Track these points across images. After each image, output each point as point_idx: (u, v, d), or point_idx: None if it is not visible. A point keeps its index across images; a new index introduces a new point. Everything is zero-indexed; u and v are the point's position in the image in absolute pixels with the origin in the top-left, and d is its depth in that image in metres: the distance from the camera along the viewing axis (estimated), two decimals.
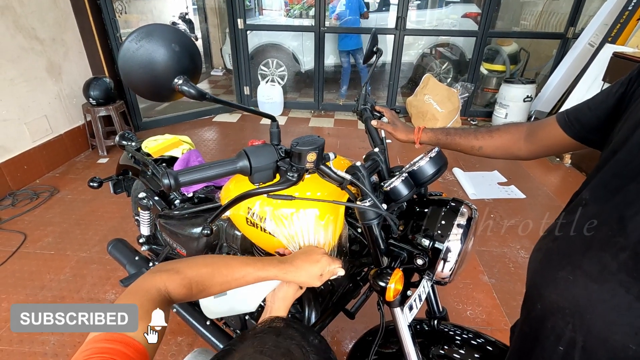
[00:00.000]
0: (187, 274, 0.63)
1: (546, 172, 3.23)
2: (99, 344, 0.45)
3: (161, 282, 0.59)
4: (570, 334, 0.56)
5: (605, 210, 0.54)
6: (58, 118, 3.07)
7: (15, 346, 1.55)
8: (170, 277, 0.60)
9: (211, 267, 0.68)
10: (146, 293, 0.55)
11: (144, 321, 0.50)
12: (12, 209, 2.49)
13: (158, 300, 0.55)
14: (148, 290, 0.56)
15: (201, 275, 0.65)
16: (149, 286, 0.57)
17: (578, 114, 0.68)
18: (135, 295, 0.54)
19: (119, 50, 0.46)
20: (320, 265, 0.75)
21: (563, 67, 3.80)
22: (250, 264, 0.71)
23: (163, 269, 0.62)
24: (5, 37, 2.56)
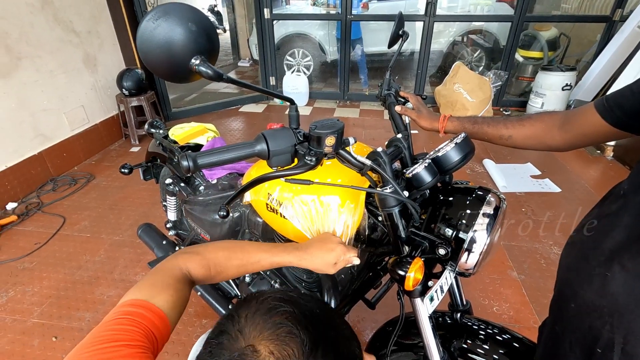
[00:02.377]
0: (206, 256, 0.68)
1: (585, 165, 3.04)
2: (125, 307, 0.51)
3: (182, 262, 0.65)
4: (609, 335, 0.52)
5: None
6: (94, 108, 3.22)
7: (55, 321, 1.66)
8: (191, 257, 0.66)
9: (228, 250, 0.72)
10: (168, 270, 0.62)
11: (166, 292, 0.56)
12: (52, 194, 2.65)
13: (179, 277, 0.61)
14: (170, 269, 0.62)
15: (218, 257, 0.70)
16: (172, 265, 0.64)
17: (620, 99, 0.62)
18: (159, 272, 0.61)
19: (137, 30, 0.47)
20: (335, 254, 0.75)
21: (608, 53, 3.54)
22: (266, 249, 0.74)
23: (184, 252, 0.68)
24: (45, 30, 2.70)
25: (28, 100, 2.61)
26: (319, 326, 0.47)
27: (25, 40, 2.55)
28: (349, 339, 0.50)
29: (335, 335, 0.49)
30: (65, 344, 1.55)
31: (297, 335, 0.44)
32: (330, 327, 0.49)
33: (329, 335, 0.47)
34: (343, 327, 0.52)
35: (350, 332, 0.52)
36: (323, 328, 0.47)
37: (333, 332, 0.49)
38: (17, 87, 2.52)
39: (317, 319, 0.48)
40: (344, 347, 0.49)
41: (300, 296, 0.51)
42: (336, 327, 0.50)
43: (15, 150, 2.55)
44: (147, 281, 0.58)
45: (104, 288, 1.84)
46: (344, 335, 0.50)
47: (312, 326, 0.46)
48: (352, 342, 0.51)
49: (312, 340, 0.44)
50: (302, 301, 0.50)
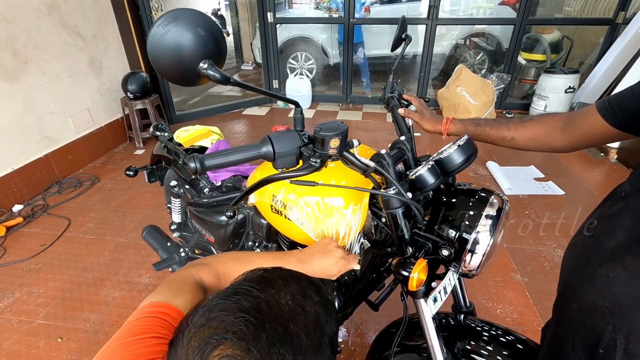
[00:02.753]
0: (215, 267, 0.74)
1: (588, 167, 3.03)
2: (147, 308, 0.56)
3: (195, 271, 0.71)
4: (611, 336, 0.52)
5: None
6: (99, 111, 3.25)
7: (60, 322, 1.67)
8: (202, 268, 0.73)
9: (236, 261, 0.77)
10: (183, 277, 0.68)
11: (183, 295, 0.61)
12: (58, 196, 2.67)
13: (193, 283, 0.67)
14: (185, 276, 0.69)
15: (227, 268, 0.75)
16: (186, 274, 0.70)
17: (621, 101, 0.62)
18: (175, 279, 0.68)
19: (148, 35, 0.48)
20: (334, 261, 0.77)
21: (611, 55, 3.53)
22: (270, 259, 0.79)
23: (196, 263, 0.75)
24: (52, 34, 2.73)
25: (34, 104, 2.64)
26: (278, 329, 0.41)
27: (32, 44, 2.58)
28: (311, 323, 0.44)
29: (296, 329, 0.42)
30: (71, 344, 1.57)
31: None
32: (292, 320, 0.43)
33: (289, 337, 0.41)
34: (308, 307, 0.45)
35: (314, 310, 0.45)
36: (283, 329, 0.41)
37: (294, 327, 0.42)
38: (24, 91, 2.55)
39: (275, 319, 0.41)
40: (305, 339, 0.42)
41: (254, 291, 0.44)
42: (298, 316, 0.43)
43: (21, 153, 2.58)
44: (165, 287, 0.64)
45: (109, 289, 1.85)
46: (305, 323, 0.43)
47: (266, 339, 0.39)
48: (317, 324, 0.44)
49: (270, 356, 0.39)
50: (255, 302, 0.43)
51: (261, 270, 0.50)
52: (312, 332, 0.43)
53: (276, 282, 0.47)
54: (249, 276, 0.49)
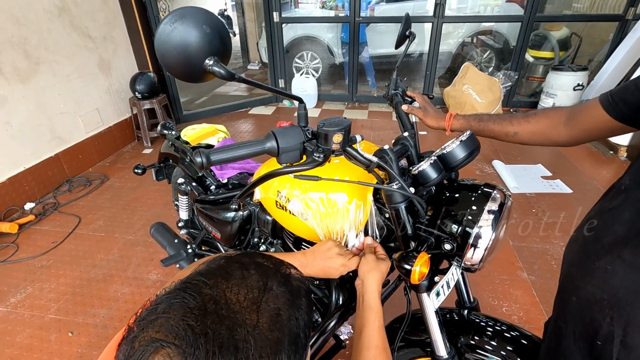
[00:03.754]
0: None
1: (597, 166, 3.00)
2: None
3: None
4: (609, 327, 0.53)
5: None
6: (108, 111, 3.30)
7: (71, 317, 1.71)
8: None
9: None
10: None
11: None
12: (68, 194, 2.72)
13: None
14: None
15: None
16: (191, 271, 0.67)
17: (624, 94, 0.62)
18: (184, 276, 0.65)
19: (155, 33, 0.49)
20: (334, 263, 0.79)
21: (621, 52, 3.48)
22: None
23: (199, 264, 0.73)
24: (62, 35, 2.78)
25: (46, 104, 2.69)
26: (222, 335, 0.36)
27: (43, 46, 2.64)
28: (267, 324, 0.39)
29: (243, 335, 0.37)
30: (81, 339, 1.60)
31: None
32: (240, 324, 0.38)
33: (233, 345, 0.36)
34: (267, 304, 0.40)
35: (274, 306, 0.41)
36: (228, 335, 0.36)
37: (241, 331, 0.37)
38: (36, 91, 2.61)
39: (221, 322, 0.37)
40: (253, 345, 0.37)
41: (204, 286, 0.40)
42: (249, 318, 0.38)
43: (33, 152, 2.63)
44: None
45: (118, 285, 1.88)
46: (255, 325, 0.38)
47: (205, 348, 0.35)
48: (274, 325, 0.40)
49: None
50: (201, 300, 0.38)
51: (224, 258, 0.46)
52: (266, 333, 0.38)
53: (233, 274, 0.42)
54: (207, 267, 0.44)
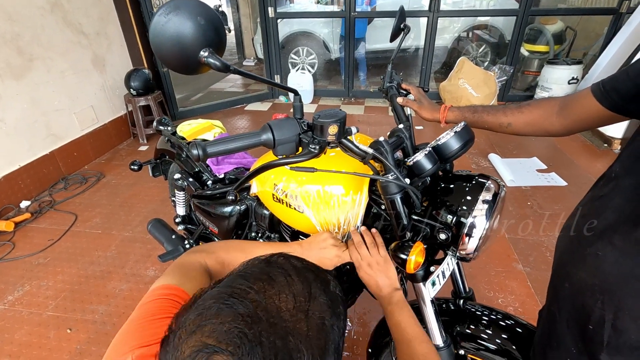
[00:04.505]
0: (220, 254, 0.75)
1: (592, 158, 3.02)
2: (160, 290, 0.58)
3: (201, 258, 0.72)
4: (600, 312, 0.54)
5: (636, 183, 0.51)
6: (103, 108, 3.28)
7: (69, 313, 1.71)
8: (208, 255, 0.74)
9: (240, 250, 0.78)
10: (191, 264, 0.70)
11: (193, 281, 0.63)
12: (64, 192, 2.71)
13: (201, 270, 0.69)
14: (193, 262, 0.70)
15: (231, 256, 0.76)
16: (193, 259, 0.71)
17: (615, 84, 0.63)
18: (183, 264, 0.69)
19: (150, 25, 0.50)
20: (329, 257, 0.80)
21: (615, 46, 3.50)
22: (271, 249, 0.80)
23: (201, 249, 0.75)
24: (55, 32, 2.76)
25: (40, 101, 2.67)
26: (276, 344, 0.37)
27: (36, 42, 2.61)
28: (314, 332, 0.40)
29: (295, 343, 0.38)
30: (80, 335, 1.60)
31: None
32: (292, 332, 0.38)
33: (287, 353, 0.37)
34: (312, 311, 0.41)
35: (319, 315, 0.41)
36: (282, 344, 0.37)
37: (294, 339, 0.38)
38: (30, 88, 2.59)
39: (274, 331, 0.37)
40: (305, 352, 0.38)
41: (251, 293, 0.40)
42: (299, 326, 0.39)
43: (28, 150, 2.61)
44: (175, 270, 0.66)
45: (116, 282, 1.89)
46: (305, 334, 0.39)
47: (262, 356, 0.35)
48: (320, 332, 0.40)
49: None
50: (252, 307, 0.38)
51: (263, 261, 0.46)
52: (315, 342, 0.39)
53: (278, 279, 0.42)
54: (248, 270, 0.44)
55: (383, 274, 0.76)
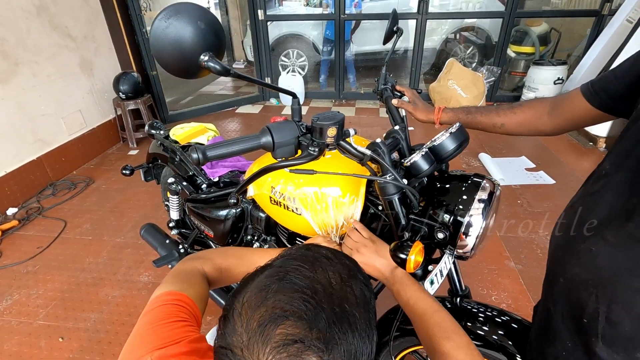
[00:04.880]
0: (217, 261, 0.77)
1: (578, 157, 3.10)
2: (164, 297, 0.59)
3: (198, 264, 0.74)
4: (594, 306, 0.55)
5: (626, 179, 0.52)
6: (91, 112, 3.23)
7: (60, 322, 1.68)
8: (204, 261, 0.75)
9: (235, 257, 0.80)
10: (190, 270, 0.71)
11: (194, 287, 0.65)
12: (52, 198, 2.66)
13: (200, 276, 0.70)
14: (191, 269, 0.72)
15: (228, 263, 0.78)
16: (192, 266, 0.73)
17: (604, 84, 0.65)
18: (183, 271, 0.70)
19: (151, 29, 0.50)
20: None
21: (598, 46, 3.59)
22: (267, 256, 0.81)
23: (197, 257, 0.76)
24: (42, 35, 2.71)
25: (26, 106, 2.62)
26: (336, 309, 0.42)
27: (22, 46, 2.56)
28: (361, 302, 0.45)
29: (350, 309, 0.43)
30: (72, 344, 1.57)
31: (311, 345, 0.39)
32: (345, 300, 0.44)
33: (346, 317, 0.42)
34: (355, 286, 0.47)
35: (360, 289, 0.47)
36: (340, 309, 0.42)
37: (349, 307, 0.43)
38: (16, 93, 2.53)
39: (331, 299, 0.42)
40: (359, 317, 0.44)
41: (305, 270, 0.45)
42: (349, 296, 0.45)
43: (14, 156, 2.56)
44: (176, 278, 0.67)
45: (109, 289, 1.86)
46: (356, 302, 0.45)
47: (326, 318, 0.40)
48: (365, 303, 0.46)
49: (331, 337, 0.40)
50: (308, 281, 0.44)
51: (301, 249, 0.51)
52: (363, 311, 0.44)
53: (321, 260, 0.47)
54: (292, 254, 0.49)
55: (376, 254, 0.77)
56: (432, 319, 0.65)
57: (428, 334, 0.64)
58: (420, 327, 0.66)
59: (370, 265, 0.77)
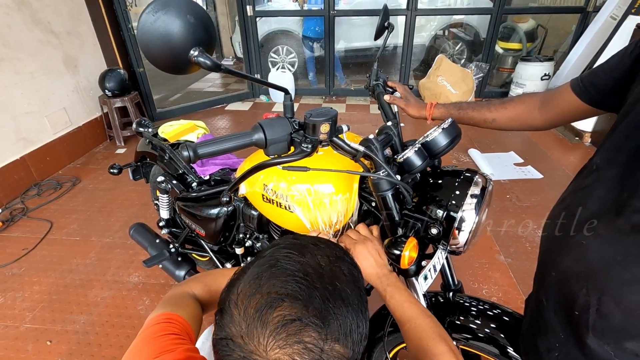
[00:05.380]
0: (207, 283, 0.78)
1: (565, 151, 3.15)
2: (157, 318, 0.61)
3: (188, 288, 0.75)
4: (585, 298, 0.56)
5: (617, 174, 0.53)
6: (76, 110, 3.15)
7: (48, 325, 1.64)
8: (194, 284, 0.77)
9: (225, 277, 0.81)
10: (181, 293, 0.73)
11: (185, 309, 0.66)
12: (37, 199, 2.60)
13: (190, 298, 0.72)
14: (182, 292, 0.74)
15: (218, 283, 0.78)
16: (180, 290, 0.74)
17: (593, 79, 0.66)
18: (174, 295, 0.72)
19: (138, 23, 0.48)
20: None
21: (583, 43, 3.66)
22: None
23: (186, 282, 0.79)
24: (23, 31, 2.63)
25: (8, 104, 2.54)
26: (328, 287, 0.44)
27: (2, 42, 2.48)
28: (350, 279, 0.48)
29: (342, 286, 0.46)
30: (61, 347, 1.54)
31: (309, 322, 0.41)
32: (335, 278, 0.46)
33: (338, 293, 0.45)
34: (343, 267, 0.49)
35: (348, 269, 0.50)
36: (332, 287, 0.44)
37: (340, 284, 0.46)
38: None
39: (322, 279, 0.45)
40: (350, 293, 0.46)
41: (294, 256, 0.47)
42: (339, 275, 0.47)
43: None
44: (166, 302, 0.68)
45: (98, 290, 1.82)
46: (346, 280, 0.48)
47: (320, 296, 0.43)
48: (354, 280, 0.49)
49: (327, 312, 0.42)
50: (299, 265, 0.46)
51: (288, 238, 0.53)
52: (353, 287, 0.47)
53: (308, 246, 0.50)
54: (280, 243, 0.51)
55: (376, 252, 0.76)
56: (422, 324, 0.66)
57: (417, 339, 0.65)
58: (408, 332, 0.67)
59: (366, 264, 0.76)
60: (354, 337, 0.44)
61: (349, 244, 0.81)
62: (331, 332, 0.41)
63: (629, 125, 0.53)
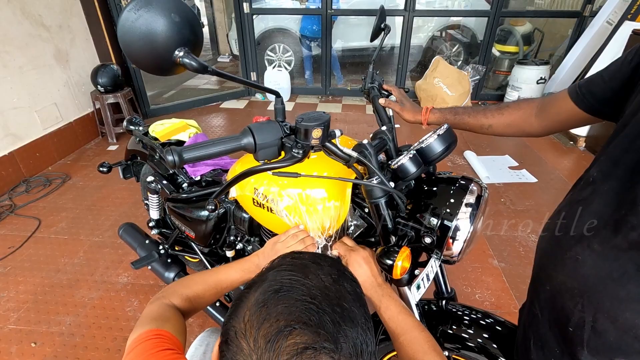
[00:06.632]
0: (184, 292, 0.77)
1: (559, 155, 3.16)
2: (144, 335, 0.60)
3: (166, 300, 0.74)
4: (580, 314, 0.55)
5: (614, 188, 0.52)
6: (67, 105, 3.10)
7: (33, 326, 1.60)
8: (171, 296, 0.75)
9: (201, 283, 0.81)
10: (161, 307, 0.71)
11: (169, 322, 0.65)
12: (26, 196, 2.54)
13: (170, 310, 0.70)
14: (161, 305, 0.72)
15: (195, 291, 0.79)
16: (158, 305, 0.72)
17: (591, 86, 0.65)
18: (153, 311, 0.70)
19: (118, 21, 0.45)
20: (296, 248, 0.81)
21: (579, 47, 3.67)
22: (234, 268, 0.84)
23: (161, 295, 0.76)
24: (12, 24, 2.57)
25: None
26: (337, 310, 0.43)
27: None
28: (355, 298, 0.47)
29: (349, 306, 0.45)
30: (46, 349, 1.50)
31: (321, 348, 0.39)
32: (342, 298, 0.45)
33: (347, 314, 0.44)
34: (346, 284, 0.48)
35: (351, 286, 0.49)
36: (340, 309, 0.43)
37: (347, 304, 0.45)
38: None
39: (330, 301, 0.44)
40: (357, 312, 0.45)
41: (298, 278, 0.46)
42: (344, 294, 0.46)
43: None
44: (149, 317, 0.66)
45: (85, 290, 1.79)
46: (351, 299, 0.47)
47: (330, 320, 0.41)
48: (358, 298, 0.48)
49: (338, 335, 0.41)
50: (305, 288, 0.44)
51: (288, 257, 0.52)
52: (359, 305, 0.47)
53: (309, 266, 0.49)
54: (282, 266, 0.49)
55: (370, 260, 0.77)
56: (417, 337, 0.66)
57: (412, 351, 0.65)
58: (402, 345, 0.67)
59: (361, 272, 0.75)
60: (365, 357, 0.43)
61: (344, 251, 0.79)
62: (344, 355, 0.41)
63: (626, 137, 0.52)
